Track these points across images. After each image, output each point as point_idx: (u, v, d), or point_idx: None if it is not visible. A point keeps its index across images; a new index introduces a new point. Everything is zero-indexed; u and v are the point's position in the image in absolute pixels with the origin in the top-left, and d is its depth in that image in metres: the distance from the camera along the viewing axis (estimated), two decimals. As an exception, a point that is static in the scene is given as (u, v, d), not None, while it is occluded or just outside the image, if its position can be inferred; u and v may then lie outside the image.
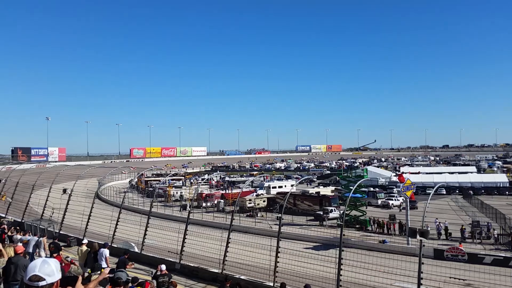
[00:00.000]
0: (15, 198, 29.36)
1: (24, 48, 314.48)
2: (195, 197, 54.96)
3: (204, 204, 54.81)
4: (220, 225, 33.62)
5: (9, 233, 17.38)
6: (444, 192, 61.67)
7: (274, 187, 63.46)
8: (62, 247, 18.59)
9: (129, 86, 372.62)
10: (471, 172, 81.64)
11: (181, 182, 78.97)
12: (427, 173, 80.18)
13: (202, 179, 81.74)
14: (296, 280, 14.91)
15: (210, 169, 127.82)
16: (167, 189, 64.38)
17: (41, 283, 2.50)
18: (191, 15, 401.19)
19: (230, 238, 17.60)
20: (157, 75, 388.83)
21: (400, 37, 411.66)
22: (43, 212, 26.34)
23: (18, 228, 19.92)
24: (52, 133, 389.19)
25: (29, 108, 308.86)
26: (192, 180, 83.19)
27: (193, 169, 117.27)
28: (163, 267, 13.44)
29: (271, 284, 15.70)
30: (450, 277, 14.95)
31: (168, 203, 59.01)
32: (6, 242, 14.35)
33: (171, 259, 19.09)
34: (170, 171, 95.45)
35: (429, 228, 16.22)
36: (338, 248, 14.81)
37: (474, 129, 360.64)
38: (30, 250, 14.61)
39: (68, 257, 14.91)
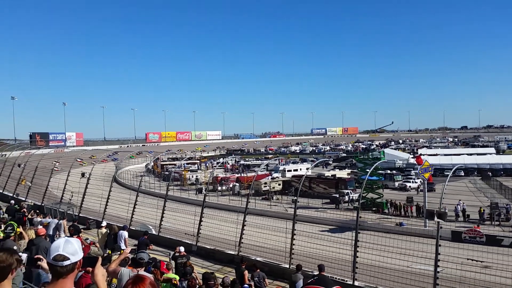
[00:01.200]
0: (35, 182, 29.89)
1: (40, 33, 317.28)
2: (211, 181, 55.36)
3: (219, 188, 55.17)
4: (236, 208, 33.83)
5: (29, 216, 17.74)
6: (463, 174, 60.88)
7: (289, 170, 63.39)
8: (82, 230, 18.94)
9: (144, 71, 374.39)
10: (490, 154, 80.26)
11: (196, 165, 79.57)
12: (445, 155, 79.09)
13: (217, 163, 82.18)
14: (312, 262, 14.96)
15: (224, 152, 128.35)
16: (183, 172, 64.90)
17: (66, 263, 2.52)
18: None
19: (245, 221, 17.72)
20: (171, 60, 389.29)
21: (416, 18, 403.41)
22: (62, 196, 26.82)
23: (38, 211, 20.31)
24: (69, 118, 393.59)
25: (46, 94, 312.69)
26: (207, 164, 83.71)
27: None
28: (182, 249, 13.61)
29: (287, 266, 15.81)
30: (468, 259, 14.81)
31: (184, 186, 59.52)
32: (26, 225, 14.65)
33: (188, 241, 19.32)
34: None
35: (446, 210, 16.06)
36: (354, 231, 14.80)
37: (493, 109, 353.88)
38: (51, 233, 14.91)
39: (87, 239, 15.19)
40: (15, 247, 8.47)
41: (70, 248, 2.58)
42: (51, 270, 2.59)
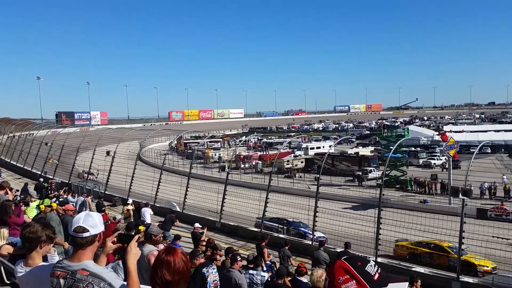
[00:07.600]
0: (62, 160, 30.62)
1: (64, 13, 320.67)
2: (234, 159, 55.59)
3: (242, 165, 55.39)
4: (259, 186, 33.90)
5: (55, 194, 18.20)
6: (489, 151, 59.43)
7: (312, 148, 63.12)
8: (108, 207, 19.44)
9: (166, 50, 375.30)
10: (518, 130, 78.04)
11: (219, 144, 79.95)
12: (471, 132, 77.41)
13: (240, 141, 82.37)
14: (334, 239, 15.03)
15: (247, 130, 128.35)
16: (206, 151, 65.30)
17: (85, 234, 2.64)
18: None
19: (268, 198, 17.82)
20: (192, 38, 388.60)
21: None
22: (88, 173, 27.42)
23: (65, 188, 20.87)
24: (94, 98, 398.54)
25: (71, 73, 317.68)
26: (230, 142, 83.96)
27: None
28: (196, 224, 13.60)
29: (310, 242, 15.91)
30: (493, 237, 14.61)
31: (207, 164, 59.97)
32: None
33: (211, 218, 19.60)
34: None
35: (472, 187, 15.77)
36: (377, 208, 14.73)
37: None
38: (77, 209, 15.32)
39: (115, 217, 15.59)
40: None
41: (90, 221, 2.70)
42: (72, 241, 2.70)
